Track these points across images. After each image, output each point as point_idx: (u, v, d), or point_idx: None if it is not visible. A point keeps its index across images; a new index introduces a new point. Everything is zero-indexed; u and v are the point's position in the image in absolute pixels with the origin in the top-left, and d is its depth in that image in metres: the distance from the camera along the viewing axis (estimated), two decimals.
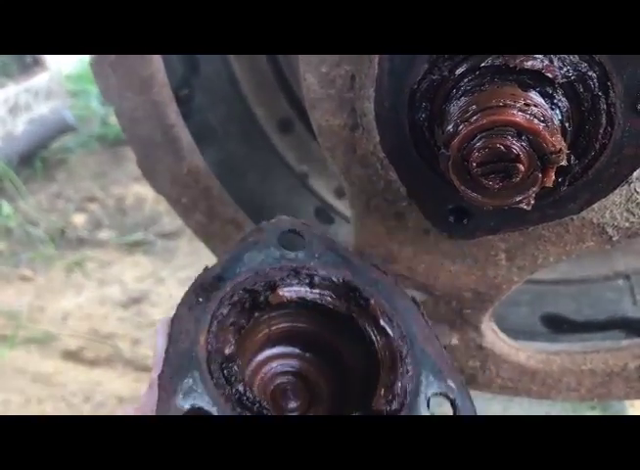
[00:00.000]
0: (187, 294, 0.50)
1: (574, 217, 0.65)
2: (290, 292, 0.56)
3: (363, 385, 0.56)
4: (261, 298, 0.53)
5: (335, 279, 0.59)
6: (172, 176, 0.80)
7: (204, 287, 0.51)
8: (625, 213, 0.63)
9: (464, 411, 0.55)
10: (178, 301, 1.80)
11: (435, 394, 0.55)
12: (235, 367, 0.48)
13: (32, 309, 2.03)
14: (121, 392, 1.75)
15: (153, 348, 0.50)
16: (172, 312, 1.66)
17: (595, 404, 1.32)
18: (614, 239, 0.66)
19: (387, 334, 0.58)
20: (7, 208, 2.44)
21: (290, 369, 0.58)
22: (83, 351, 1.89)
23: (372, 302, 0.58)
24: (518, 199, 0.51)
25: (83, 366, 1.86)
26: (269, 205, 1.29)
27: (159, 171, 0.81)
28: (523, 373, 0.84)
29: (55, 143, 2.93)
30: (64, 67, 3.14)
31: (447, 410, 0.55)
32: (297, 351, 0.58)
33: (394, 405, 0.53)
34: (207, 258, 2.26)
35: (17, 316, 1.98)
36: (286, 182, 1.31)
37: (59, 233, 2.39)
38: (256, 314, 0.53)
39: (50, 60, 2.79)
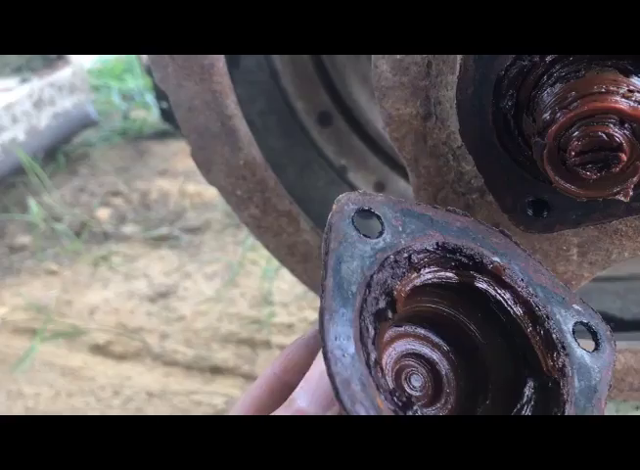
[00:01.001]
0: (328, 347, 0.43)
1: None
2: (403, 288, 0.50)
3: (502, 356, 0.53)
4: (388, 313, 0.48)
5: (430, 247, 0.52)
6: (228, 168, 0.78)
7: (337, 336, 0.43)
8: None
9: (601, 332, 0.54)
10: (206, 296, 1.77)
11: (575, 325, 0.53)
12: (404, 395, 0.44)
13: (60, 303, 2.03)
14: (151, 386, 1.74)
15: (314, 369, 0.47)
16: (200, 307, 1.62)
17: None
18: None
19: (511, 287, 0.53)
20: (32, 202, 2.44)
21: (412, 351, 0.53)
22: (111, 345, 1.89)
23: (492, 264, 0.53)
24: (616, 190, 0.49)
25: (112, 360, 1.85)
26: (308, 198, 1.28)
27: (214, 163, 0.79)
28: None
29: (77, 137, 2.93)
30: (85, 62, 3.14)
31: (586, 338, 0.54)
32: (417, 331, 0.54)
33: (559, 362, 0.50)
34: (234, 253, 2.24)
35: (44, 310, 1.98)
36: (325, 176, 1.30)
37: (84, 227, 2.39)
38: (379, 325, 0.48)
39: (73, 55, 2.78)
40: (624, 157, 0.47)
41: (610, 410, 1.29)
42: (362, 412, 0.40)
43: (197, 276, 2.10)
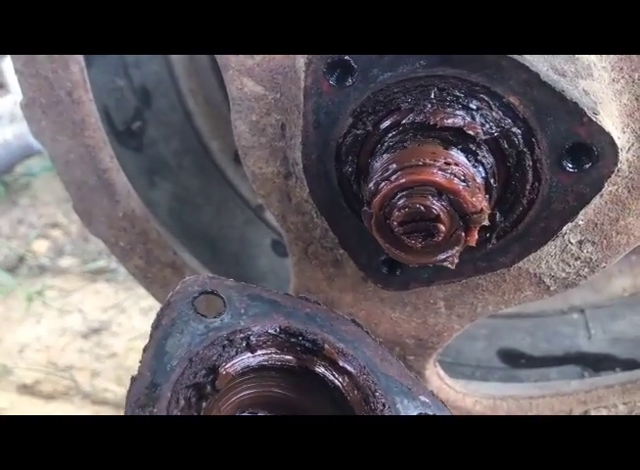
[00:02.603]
0: (127, 412, 0.45)
1: (510, 267, 0.64)
2: (233, 367, 0.51)
3: None
4: (207, 388, 0.48)
5: (272, 331, 0.54)
6: (108, 220, 0.78)
7: (141, 404, 0.45)
8: (561, 264, 0.63)
9: None
10: (139, 331, 1.73)
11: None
12: None
13: None
14: None
15: None
16: (133, 343, 1.60)
17: None
18: (551, 289, 0.65)
19: (348, 372, 0.54)
20: None
21: None
22: (40, 384, 1.84)
23: (325, 346, 0.54)
24: (442, 257, 0.50)
25: (39, 400, 1.80)
26: (225, 237, 1.27)
27: (95, 215, 0.78)
28: None
29: (18, 167, 2.88)
30: None
31: None
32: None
33: None
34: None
35: None
36: (241, 215, 1.30)
37: (20, 261, 2.34)
38: (204, 405, 0.48)
39: (13, 83, 2.75)
40: (443, 227, 0.48)
41: None
42: None
43: (132, 311, 2.07)
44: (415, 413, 0.54)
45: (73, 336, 2.01)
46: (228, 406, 0.53)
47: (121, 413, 1.65)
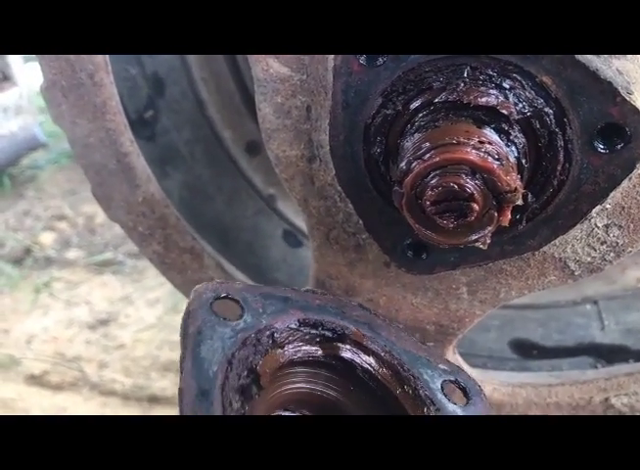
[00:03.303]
0: None
1: (536, 251, 0.63)
2: (268, 364, 0.52)
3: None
4: (253, 389, 0.49)
5: (293, 325, 0.55)
6: (127, 205, 0.78)
7: (197, 412, 0.45)
8: (587, 248, 0.62)
9: (470, 387, 0.58)
10: (147, 323, 1.74)
11: (443, 383, 0.57)
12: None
13: None
14: None
15: None
16: (140, 335, 1.60)
17: None
18: (576, 274, 0.65)
19: (373, 352, 0.56)
20: None
21: None
22: (48, 375, 1.84)
23: (349, 328, 0.56)
24: (473, 238, 0.50)
25: (47, 391, 1.80)
26: (236, 228, 1.27)
27: (113, 199, 0.78)
28: None
29: (25, 160, 2.88)
30: (34, 82, 3.09)
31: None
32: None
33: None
34: None
35: None
36: (253, 205, 1.29)
37: (27, 253, 2.34)
38: (247, 408, 0.49)
39: (20, 76, 2.74)
40: (476, 207, 0.48)
41: None
42: None
43: (139, 303, 2.07)
44: (439, 381, 0.57)
45: (81, 327, 2.01)
46: (268, 407, 0.54)
47: (129, 405, 1.64)
